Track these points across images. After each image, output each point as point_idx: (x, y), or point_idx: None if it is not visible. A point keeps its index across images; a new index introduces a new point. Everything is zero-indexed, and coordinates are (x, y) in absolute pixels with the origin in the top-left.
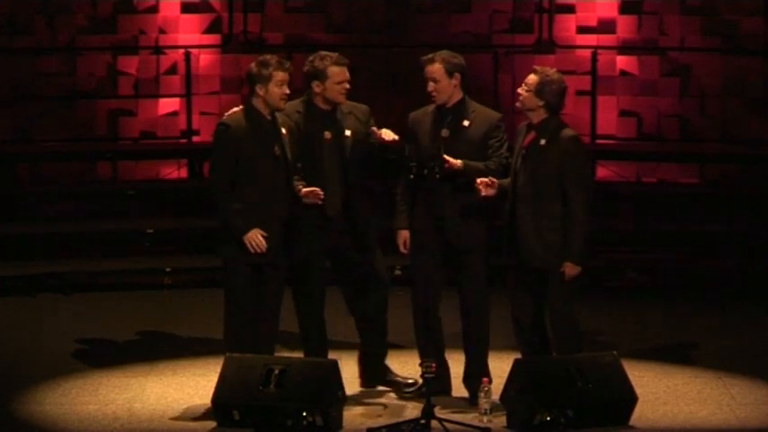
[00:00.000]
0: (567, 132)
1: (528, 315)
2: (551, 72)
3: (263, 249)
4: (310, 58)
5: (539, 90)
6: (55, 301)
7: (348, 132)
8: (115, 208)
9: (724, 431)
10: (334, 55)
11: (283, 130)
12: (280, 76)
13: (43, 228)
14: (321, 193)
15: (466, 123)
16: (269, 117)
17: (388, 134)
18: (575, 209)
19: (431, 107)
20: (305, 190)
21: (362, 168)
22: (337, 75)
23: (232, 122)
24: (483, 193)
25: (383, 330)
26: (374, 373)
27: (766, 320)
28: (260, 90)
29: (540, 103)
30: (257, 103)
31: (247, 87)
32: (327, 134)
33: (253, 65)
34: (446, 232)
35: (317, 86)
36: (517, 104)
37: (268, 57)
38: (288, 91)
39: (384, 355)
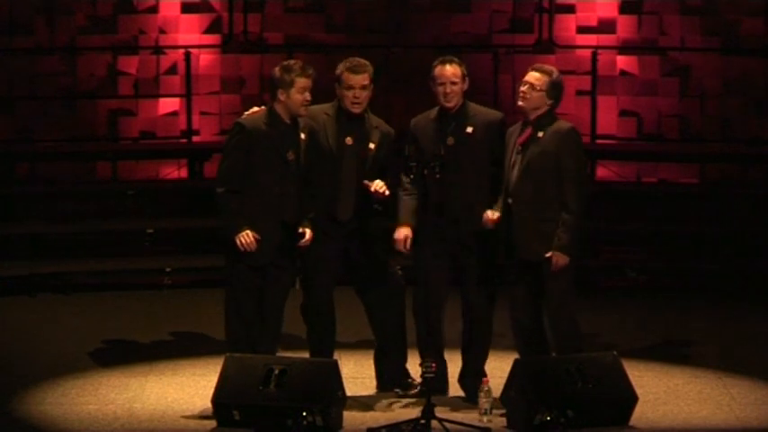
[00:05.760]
0: (565, 125)
1: (527, 315)
2: (553, 70)
3: (253, 248)
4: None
5: (549, 90)
6: (55, 301)
7: (372, 145)
8: (115, 208)
9: (724, 431)
10: (354, 60)
11: (302, 136)
12: (302, 82)
13: (43, 228)
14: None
15: (469, 130)
16: (288, 122)
17: (379, 186)
18: (568, 200)
19: (433, 112)
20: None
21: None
22: (347, 80)
23: (248, 123)
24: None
25: (401, 332)
26: (391, 377)
27: (766, 320)
28: (281, 95)
29: (549, 102)
30: (278, 107)
31: (269, 91)
32: (349, 139)
33: (276, 69)
34: (453, 236)
35: (338, 90)
36: (521, 104)
37: (292, 62)
38: (309, 98)
39: (403, 359)
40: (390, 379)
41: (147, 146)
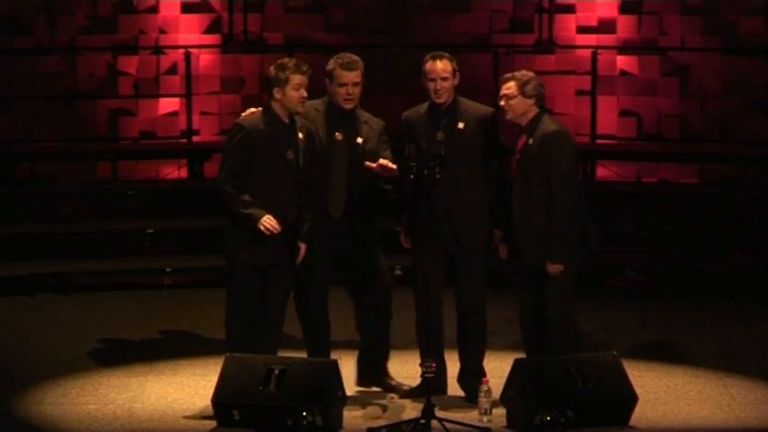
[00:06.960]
0: (550, 128)
1: (531, 315)
2: (523, 71)
3: (278, 230)
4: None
5: (523, 91)
6: (55, 301)
7: (360, 139)
8: (115, 208)
9: (724, 431)
10: (346, 56)
11: (300, 135)
12: (297, 79)
13: (43, 228)
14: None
15: (461, 126)
16: (286, 120)
17: (382, 164)
18: (556, 205)
19: (423, 107)
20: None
21: (368, 176)
22: (340, 77)
23: (247, 123)
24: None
25: (385, 332)
26: (371, 374)
27: (766, 320)
28: (277, 93)
29: (531, 102)
30: (275, 106)
31: (266, 91)
32: (338, 135)
33: (271, 68)
34: (446, 232)
35: (329, 86)
36: (508, 117)
37: (286, 60)
38: (305, 94)
39: (385, 358)
40: (371, 376)
41: (147, 146)
